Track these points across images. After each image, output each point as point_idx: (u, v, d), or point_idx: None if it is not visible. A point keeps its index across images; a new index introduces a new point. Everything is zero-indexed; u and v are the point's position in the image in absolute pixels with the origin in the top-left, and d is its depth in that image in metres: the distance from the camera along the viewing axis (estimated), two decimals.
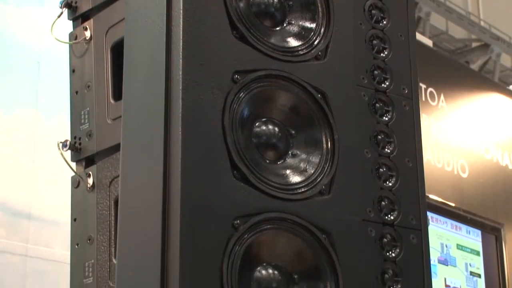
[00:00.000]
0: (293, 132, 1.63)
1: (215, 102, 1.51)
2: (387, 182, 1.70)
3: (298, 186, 1.58)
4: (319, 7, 1.69)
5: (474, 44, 7.32)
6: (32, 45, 2.90)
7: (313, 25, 1.69)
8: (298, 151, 1.62)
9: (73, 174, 1.87)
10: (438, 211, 4.06)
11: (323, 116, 1.64)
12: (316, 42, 1.67)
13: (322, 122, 1.63)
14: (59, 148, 1.88)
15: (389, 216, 1.67)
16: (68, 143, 1.88)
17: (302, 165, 1.61)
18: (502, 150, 4.75)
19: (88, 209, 1.81)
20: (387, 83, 1.76)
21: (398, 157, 1.72)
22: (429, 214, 1.74)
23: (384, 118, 1.74)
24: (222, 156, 1.50)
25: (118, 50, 1.79)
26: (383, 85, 1.76)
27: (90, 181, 1.82)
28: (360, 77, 1.73)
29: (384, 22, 1.80)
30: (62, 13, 1.98)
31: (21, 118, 2.71)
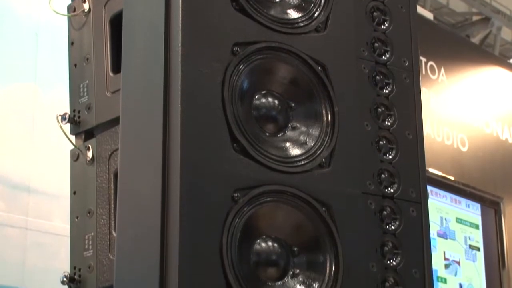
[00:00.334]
0: (293, 104, 1.62)
1: (214, 75, 1.51)
2: (387, 155, 1.69)
3: (298, 159, 1.58)
4: None
5: (475, 18, 7.30)
6: (30, 17, 2.88)
7: None
8: (298, 124, 1.62)
9: (72, 147, 1.87)
10: (437, 185, 4.06)
11: (323, 88, 1.63)
12: (316, 14, 1.66)
13: (322, 95, 1.63)
14: (58, 121, 1.87)
15: (389, 189, 1.67)
16: (67, 116, 1.87)
17: (302, 137, 1.61)
18: (502, 123, 4.75)
19: (87, 182, 1.81)
20: (388, 56, 1.76)
21: (398, 130, 1.71)
22: (428, 188, 1.74)
23: (384, 90, 1.73)
24: (222, 129, 1.50)
25: (117, 23, 1.78)
26: (383, 57, 1.75)
27: (90, 154, 1.81)
28: (361, 49, 1.72)
29: None
30: None
31: (19, 90, 2.70)
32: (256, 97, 1.59)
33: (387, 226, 1.65)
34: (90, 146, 1.82)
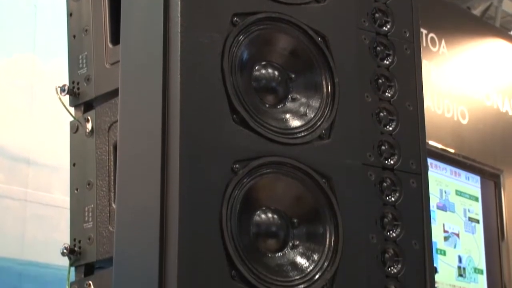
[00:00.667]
0: (293, 75, 1.62)
1: (214, 45, 1.50)
2: (388, 127, 1.69)
3: (297, 130, 1.57)
4: None
5: None
6: None
7: None
8: (298, 95, 1.61)
9: (71, 119, 1.86)
10: (437, 157, 4.06)
11: (323, 59, 1.62)
12: None
13: (322, 66, 1.62)
14: (57, 93, 1.86)
15: (389, 160, 1.67)
16: (66, 87, 1.86)
17: (302, 109, 1.60)
18: (502, 96, 4.74)
19: (87, 154, 1.81)
20: (388, 26, 1.74)
21: (398, 101, 1.71)
22: (428, 160, 1.74)
23: (385, 61, 1.72)
24: (221, 100, 1.49)
25: None
26: (384, 28, 1.74)
27: (89, 126, 1.81)
28: (361, 20, 1.70)
29: None
30: None
31: (18, 62, 2.69)
32: (256, 68, 1.58)
33: (387, 198, 1.65)
34: (89, 118, 1.81)
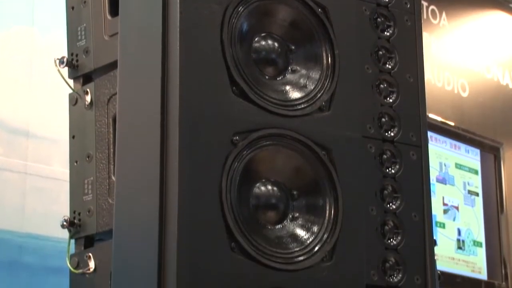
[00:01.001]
0: (293, 47, 1.61)
1: (213, 16, 1.49)
2: (388, 98, 1.68)
3: (297, 102, 1.57)
4: None
5: None
6: None
7: None
8: (298, 67, 1.61)
9: (70, 91, 1.86)
10: (437, 131, 4.06)
11: (323, 30, 1.61)
12: None
13: (322, 37, 1.61)
14: (56, 65, 1.85)
15: (389, 132, 1.67)
16: (65, 59, 1.85)
17: (301, 81, 1.60)
18: (503, 69, 4.73)
19: (86, 126, 1.80)
20: None
21: (399, 73, 1.70)
22: (428, 134, 1.73)
23: (385, 33, 1.71)
24: (221, 72, 1.48)
25: None
26: None
27: (88, 98, 1.80)
28: None
29: None
30: None
31: (16, 34, 2.68)
32: (256, 39, 1.58)
33: (387, 170, 1.65)
34: (88, 90, 1.81)
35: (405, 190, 1.65)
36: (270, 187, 1.53)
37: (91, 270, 1.69)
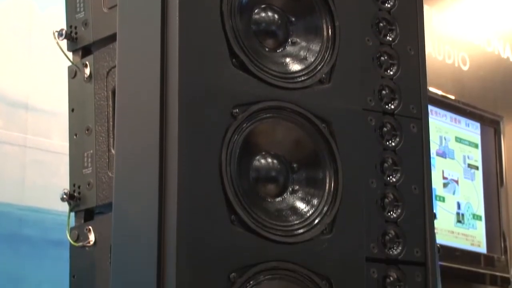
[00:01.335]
0: (293, 19, 1.60)
1: None
2: (388, 71, 1.68)
3: (297, 75, 1.56)
4: None
5: None
6: None
7: None
8: (298, 39, 1.60)
9: (69, 64, 1.85)
10: (437, 104, 4.04)
11: (323, 2, 1.60)
12: None
13: (322, 9, 1.60)
14: (55, 37, 1.84)
15: (389, 105, 1.66)
16: (64, 32, 1.84)
17: (302, 53, 1.59)
18: (503, 42, 4.71)
19: (85, 99, 1.80)
20: None
21: (399, 45, 1.69)
22: (428, 107, 1.73)
23: (386, 5, 1.70)
24: (221, 44, 1.47)
25: None
26: None
27: (87, 71, 1.79)
28: None
29: None
30: None
31: (14, 6, 2.66)
32: (256, 11, 1.57)
33: (387, 143, 1.64)
34: (87, 63, 1.80)
35: (405, 162, 1.64)
36: (270, 159, 1.53)
37: (91, 243, 1.69)
